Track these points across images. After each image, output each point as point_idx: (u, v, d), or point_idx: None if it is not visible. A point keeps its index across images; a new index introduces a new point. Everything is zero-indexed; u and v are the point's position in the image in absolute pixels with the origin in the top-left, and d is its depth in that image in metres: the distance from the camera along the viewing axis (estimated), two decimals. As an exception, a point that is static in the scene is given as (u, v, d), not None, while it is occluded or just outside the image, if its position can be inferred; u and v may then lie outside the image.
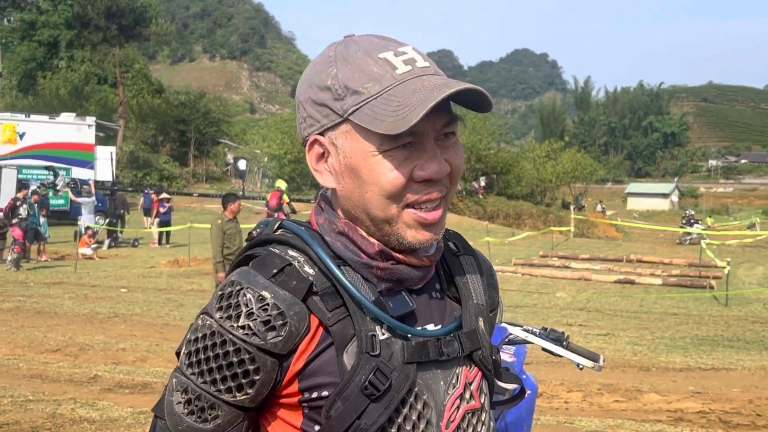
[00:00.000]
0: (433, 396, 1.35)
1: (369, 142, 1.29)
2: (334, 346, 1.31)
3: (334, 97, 1.31)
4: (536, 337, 3.08)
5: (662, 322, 13.67)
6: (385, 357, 1.30)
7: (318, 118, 1.35)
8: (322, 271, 1.33)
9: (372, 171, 1.30)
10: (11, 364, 9.07)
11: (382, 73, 1.29)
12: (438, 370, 1.37)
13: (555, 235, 32.49)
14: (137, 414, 7.00)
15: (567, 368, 9.03)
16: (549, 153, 62.01)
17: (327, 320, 1.31)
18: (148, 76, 64.60)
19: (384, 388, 1.28)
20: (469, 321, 1.43)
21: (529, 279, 19.83)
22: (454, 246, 1.53)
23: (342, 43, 1.37)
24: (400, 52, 1.33)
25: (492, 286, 1.57)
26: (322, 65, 1.35)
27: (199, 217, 34.54)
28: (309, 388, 1.31)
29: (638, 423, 7.16)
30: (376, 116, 1.26)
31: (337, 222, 1.39)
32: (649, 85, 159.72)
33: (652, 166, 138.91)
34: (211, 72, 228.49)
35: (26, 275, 18.14)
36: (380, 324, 1.32)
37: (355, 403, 1.28)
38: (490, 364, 1.47)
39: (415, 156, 1.30)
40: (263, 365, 1.29)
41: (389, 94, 1.27)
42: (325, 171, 1.38)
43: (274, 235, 1.40)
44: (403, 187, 1.30)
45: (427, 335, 1.36)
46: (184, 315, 12.74)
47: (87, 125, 36.24)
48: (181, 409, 1.34)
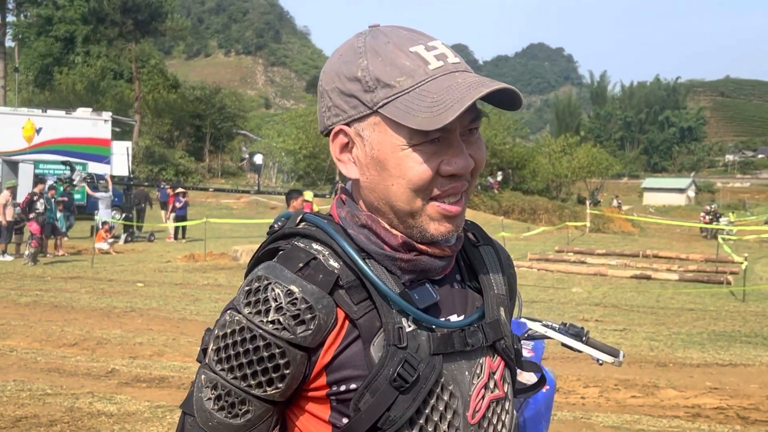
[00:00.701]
0: (459, 386, 1.36)
1: (398, 136, 1.30)
2: (361, 339, 1.32)
3: (364, 88, 1.31)
4: (556, 332, 3.07)
5: (679, 317, 13.61)
6: (412, 349, 1.31)
7: (345, 109, 1.35)
8: (347, 264, 1.34)
9: (400, 164, 1.30)
10: (29, 358, 9.12)
11: (414, 68, 1.29)
12: (463, 361, 1.38)
13: (571, 230, 32.41)
14: (155, 408, 7.03)
15: (583, 363, 9.00)
16: (564, 148, 61.82)
17: (353, 313, 1.32)
18: (163, 71, 64.83)
19: (412, 380, 1.29)
20: (492, 311, 1.44)
21: (545, 274, 19.78)
22: (473, 236, 1.54)
23: (369, 34, 1.36)
24: (431, 46, 1.33)
25: (511, 276, 1.59)
26: (350, 56, 1.35)
27: (215, 212, 34.71)
28: (337, 381, 1.32)
29: (655, 419, 7.14)
30: (409, 111, 1.27)
31: (360, 215, 1.39)
32: (665, 79, 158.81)
33: (668, 160, 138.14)
34: (226, 67, 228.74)
35: (43, 270, 18.23)
36: (406, 316, 1.33)
37: (384, 395, 1.29)
38: (512, 353, 1.48)
39: (442, 151, 1.31)
40: (293, 359, 1.30)
41: (422, 90, 1.28)
42: (348, 161, 1.38)
43: (298, 228, 1.41)
44: (430, 181, 1.31)
45: (451, 326, 1.37)
46: (201, 309, 12.78)
47: (103, 120, 36.46)
48: (212, 405, 1.35)
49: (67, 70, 58.99)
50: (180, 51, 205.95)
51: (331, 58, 1.40)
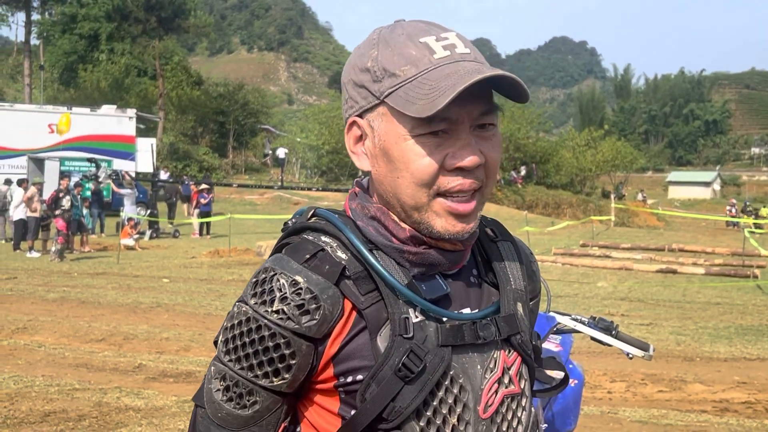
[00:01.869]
0: (469, 380, 1.35)
1: (401, 125, 1.30)
2: (368, 329, 1.31)
3: (373, 78, 1.32)
4: (585, 326, 3.06)
5: (706, 311, 13.51)
6: (419, 340, 1.30)
7: (357, 100, 1.36)
8: (355, 255, 1.34)
9: (403, 155, 1.30)
10: (57, 354, 9.20)
11: (419, 57, 1.30)
12: (474, 354, 1.36)
13: (595, 225, 32.24)
14: (182, 403, 7.07)
15: (610, 358, 8.97)
16: (588, 141, 61.49)
17: (360, 304, 1.31)
18: (187, 68, 65.01)
19: (418, 370, 1.28)
20: (507, 305, 1.42)
21: (570, 269, 19.70)
22: (491, 232, 1.52)
23: (388, 27, 1.38)
24: (442, 37, 1.33)
25: (533, 273, 1.56)
26: (365, 48, 1.37)
27: (239, 207, 34.83)
28: (344, 372, 1.32)
29: (683, 413, 7.10)
30: (409, 99, 1.27)
31: (370, 207, 1.40)
32: (690, 72, 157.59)
33: (693, 154, 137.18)
34: (249, 63, 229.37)
35: (70, 266, 18.37)
36: (413, 307, 1.32)
37: (389, 385, 1.28)
38: (529, 349, 1.45)
39: (448, 144, 1.30)
40: (299, 349, 1.30)
41: (424, 78, 1.28)
42: (361, 153, 1.39)
43: (308, 222, 1.41)
44: (434, 175, 1.30)
45: (462, 318, 1.36)
46: (226, 305, 12.83)
47: (128, 117, 36.63)
48: (220, 396, 1.36)
49: (92, 67, 59.30)
50: (203, 48, 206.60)
51: (352, 52, 1.42)
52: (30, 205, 20.94)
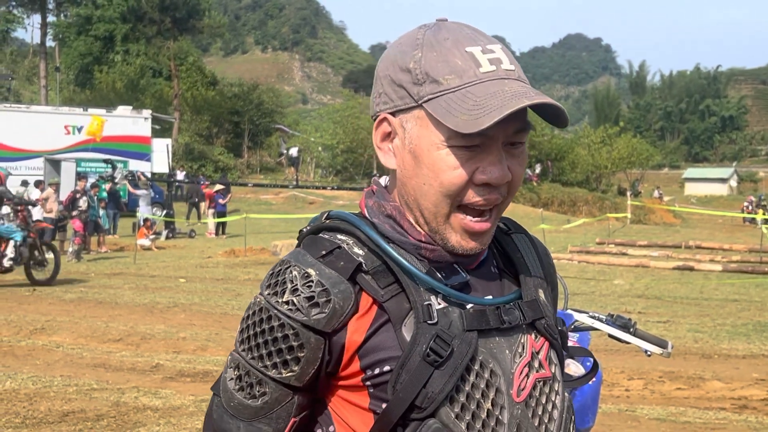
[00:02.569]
0: (499, 364, 1.34)
1: (438, 133, 1.29)
2: (391, 321, 1.31)
3: (413, 81, 1.31)
4: (603, 323, 3.05)
5: (723, 308, 13.45)
6: (444, 325, 1.30)
7: (393, 98, 1.35)
8: (372, 250, 1.34)
9: (434, 163, 1.30)
10: (75, 354, 9.24)
11: (465, 68, 1.29)
12: (501, 339, 1.36)
13: (611, 222, 32.17)
14: (199, 402, 7.09)
15: (627, 356, 8.93)
16: (604, 138, 61.21)
17: (380, 297, 1.31)
18: (201, 68, 65.17)
19: (446, 354, 1.27)
20: (529, 291, 1.43)
21: (586, 266, 19.65)
22: (504, 225, 1.53)
23: (432, 27, 1.36)
24: (488, 49, 1.32)
25: (550, 266, 1.56)
26: (408, 46, 1.35)
27: (254, 207, 34.89)
28: (370, 365, 1.31)
29: (701, 411, 7.07)
30: (450, 110, 1.26)
31: (386, 205, 1.40)
32: (705, 68, 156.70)
33: (709, 150, 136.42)
34: (263, 63, 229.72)
35: (87, 266, 18.46)
36: (436, 294, 1.32)
37: (418, 371, 1.27)
38: (556, 334, 1.45)
39: (480, 158, 1.30)
40: (307, 341, 1.30)
41: (467, 91, 1.27)
42: (388, 151, 1.38)
43: (323, 224, 1.42)
44: (462, 188, 1.30)
45: (485, 303, 1.36)
46: (242, 304, 12.86)
47: (143, 118, 36.80)
48: (233, 385, 1.37)
49: (107, 68, 59.54)
50: (217, 48, 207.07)
51: (391, 45, 1.40)
52: (45, 206, 21.04)
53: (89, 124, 34.46)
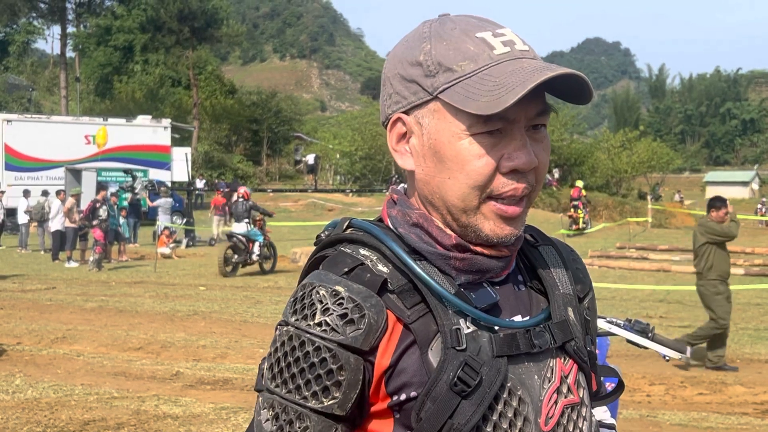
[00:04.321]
0: (528, 391, 1.27)
1: (458, 122, 1.23)
2: (417, 344, 1.24)
3: (425, 73, 1.26)
4: (620, 328, 3.03)
5: (746, 312, 13.34)
6: (473, 351, 1.22)
7: (405, 95, 1.29)
8: (398, 267, 1.27)
9: (458, 155, 1.23)
10: (96, 362, 9.29)
11: (478, 52, 1.23)
12: (530, 364, 1.29)
13: (632, 227, 32.00)
14: (219, 410, 7.10)
15: (649, 361, 8.87)
16: (624, 143, 60.90)
17: (407, 318, 1.24)
18: (220, 77, 65.56)
19: (474, 383, 1.20)
20: (558, 311, 1.35)
21: (607, 271, 19.55)
22: (531, 237, 1.45)
23: (437, 21, 1.32)
24: (499, 33, 1.27)
25: (578, 271, 1.48)
26: (414, 41, 1.30)
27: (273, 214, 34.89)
28: (397, 390, 1.24)
29: (724, 416, 7.01)
30: (469, 95, 1.20)
31: (412, 213, 1.32)
32: (726, 71, 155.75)
33: (730, 153, 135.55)
34: (281, 71, 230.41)
35: (108, 275, 18.56)
36: (464, 317, 1.24)
37: (445, 401, 1.20)
38: (585, 356, 1.38)
39: (504, 144, 1.24)
40: (347, 362, 1.21)
41: (485, 74, 1.22)
42: (405, 152, 1.32)
43: (344, 234, 1.34)
44: (490, 177, 1.24)
45: (515, 326, 1.28)
46: (262, 312, 12.88)
47: (163, 127, 36.99)
48: (270, 426, 1.26)
49: (127, 78, 60.04)
50: (236, 57, 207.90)
51: (396, 45, 1.35)
52: (70, 216, 21.19)
53: (96, 134, 34.72)
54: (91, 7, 58.56)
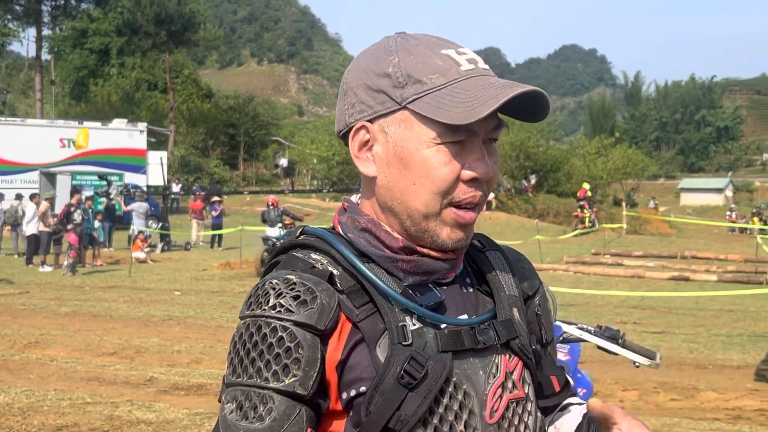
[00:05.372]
0: (473, 385, 1.33)
1: (428, 131, 1.29)
2: (365, 342, 1.29)
3: (394, 84, 1.31)
4: (591, 335, 3.06)
5: (718, 319, 13.45)
6: (419, 346, 1.28)
7: (371, 104, 1.34)
8: (347, 269, 1.34)
9: (424, 162, 1.30)
10: (69, 367, 9.23)
11: (447, 67, 1.31)
12: (476, 359, 1.35)
13: (607, 233, 32.19)
14: (193, 415, 7.08)
15: (622, 366, 8.92)
16: (599, 149, 61.27)
17: (355, 317, 1.30)
18: (197, 81, 65.36)
19: (420, 376, 1.26)
20: (503, 311, 1.42)
21: (582, 277, 19.65)
22: (479, 243, 1.53)
23: (399, 36, 1.38)
24: (461, 51, 1.35)
25: (525, 270, 1.55)
26: (380, 53, 1.36)
27: (250, 219, 34.83)
28: (347, 386, 1.29)
29: (696, 421, 7.07)
30: (441, 106, 1.27)
31: (360, 219, 1.40)
32: (700, 78, 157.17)
33: (705, 160, 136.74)
34: (259, 76, 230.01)
35: (82, 280, 18.44)
36: (410, 315, 1.31)
37: (392, 394, 1.26)
38: (530, 353, 1.44)
39: (465, 154, 1.31)
40: (303, 339, 1.25)
41: (455, 87, 1.29)
42: (367, 159, 1.37)
43: (296, 240, 1.41)
44: (453, 184, 1.31)
45: (460, 324, 1.35)
46: (237, 317, 12.83)
47: (138, 131, 36.90)
48: (235, 417, 1.27)
49: (103, 81, 59.71)
50: (213, 60, 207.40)
51: (358, 58, 1.41)
52: (45, 220, 21.04)
53: (76, 137, 34.53)
54: (67, 10, 58.33)
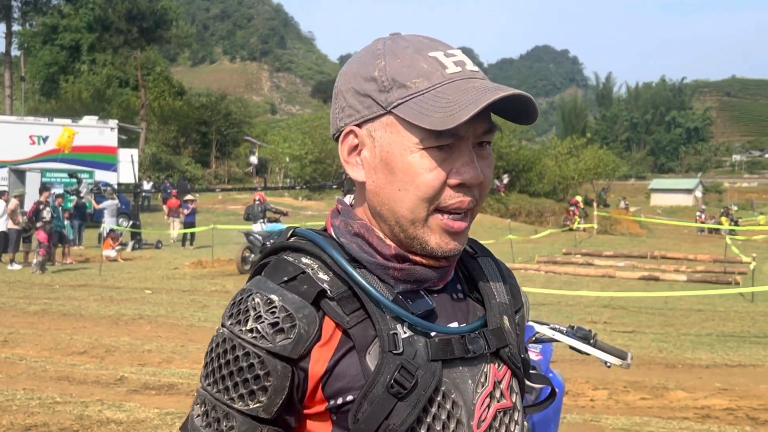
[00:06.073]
0: (461, 395, 1.32)
1: (411, 136, 1.27)
2: (356, 349, 1.28)
3: (380, 88, 1.30)
4: (563, 335, 3.07)
5: (687, 318, 13.59)
6: (409, 355, 1.27)
7: (359, 109, 1.33)
8: (338, 275, 1.32)
9: (409, 167, 1.28)
10: (39, 367, 9.14)
11: (431, 71, 1.29)
12: (465, 368, 1.34)
13: (578, 233, 32.37)
14: (164, 415, 7.04)
15: (592, 366, 8.98)
16: (571, 150, 61.67)
17: (345, 323, 1.28)
18: (169, 78, 64.94)
19: (410, 386, 1.26)
20: (494, 319, 1.40)
21: (553, 276, 19.77)
22: (470, 249, 1.51)
23: (390, 39, 1.36)
24: (450, 53, 1.33)
25: (513, 286, 1.54)
26: (368, 57, 1.34)
27: (222, 218, 34.71)
28: (334, 394, 1.28)
29: (665, 420, 7.13)
30: (423, 111, 1.25)
31: (353, 223, 1.37)
32: (671, 80, 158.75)
33: (675, 161, 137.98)
34: (231, 73, 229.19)
35: (51, 278, 18.27)
36: (401, 323, 1.29)
37: (382, 403, 1.25)
38: (519, 362, 1.44)
39: (453, 159, 1.29)
40: (274, 369, 1.26)
41: (438, 91, 1.27)
42: (356, 164, 1.36)
43: (287, 242, 1.39)
44: (439, 190, 1.28)
45: (450, 332, 1.34)
46: (209, 316, 12.79)
47: (109, 128, 36.57)
48: (200, 422, 1.32)
49: (73, 78, 59.15)
50: (185, 58, 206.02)
51: (350, 61, 1.40)
52: (13, 217, 20.81)
53: (59, 135, 34.19)
54: (38, 6, 57.67)
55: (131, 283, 17.52)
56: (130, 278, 18.36)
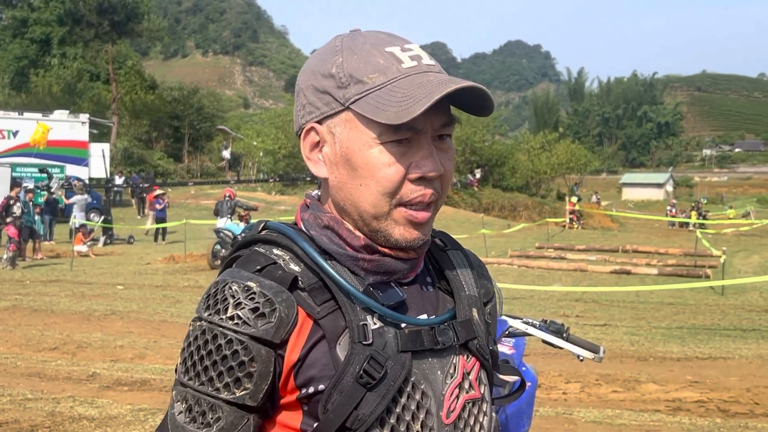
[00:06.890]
0: (431, 385, 1.34)
1: (369, 131, 1.29)
2: (326, 339, 1.29)
3: (338, 85, 1.31)
4: (536, 329, 3.09)
5: (659, 312, 13.70)
6: (379, 346, 1.29)
7: (318, 106, 1.35)
8: (309, 266, 1.33)
9: (368, 162, 1.29)
10: (9, 363, 9.06)
11: (387, 66, 1.30)
12: (434, 360, 1.36)
13: (551, 227, 32.55)
14: (136, 411, 7.00)
15: (565, 359, 9.04)
16: (543, 144, 62.06)
17: (316, 314, 1.30)
18: (140, 72, 64.40)
19: (379, 376, 1.27)
20: (463, 311, 1.42)
21: (526, 270, 19.84)
22: (440, 242, 1.53)
23: (348, 35, 1.38)
24: (407, 48, 1.34)
25: (483, 277, 1.56)
26: (327, 54, 1.36)
27: (195, 213, 34.53)
28: (305, 383, 1.29)
29: (637, 413, 7.19)
30: (379, 106, 1.27)
31: (323, 216, 1.39)
32: (642, 75, 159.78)
33: (646, 156, 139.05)
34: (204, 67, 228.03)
35: (22, 273, 18.11)
36: (371, 314, 1.31)
37: (351, 393, 1.26)
38: (487, 354, 1.45)
39: (412, 153, 1.30)
40: (258, 354, 1.27)
41: (394, 86, 1.28)
42: (318, 160, 1.37)
43: (259, 235, 1.40)
44: (399, 184, 1.30)
45: (420, 324, 1.35)
46: (182, 311, 12.73)
47: (80, 122, 36.29)
48: (183, 418, 1.30)
49: (44, 72, 58.55)
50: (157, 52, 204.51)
51: (310, 58, 1.41)
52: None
53: (33, 131, 33.86)
54: (7, -1, 57.08)
55: (103, 278, 17.40)
56: (102, 273, 18.23)
